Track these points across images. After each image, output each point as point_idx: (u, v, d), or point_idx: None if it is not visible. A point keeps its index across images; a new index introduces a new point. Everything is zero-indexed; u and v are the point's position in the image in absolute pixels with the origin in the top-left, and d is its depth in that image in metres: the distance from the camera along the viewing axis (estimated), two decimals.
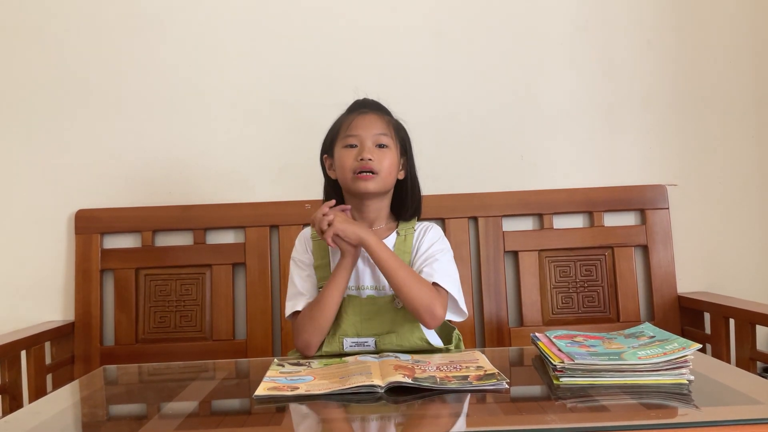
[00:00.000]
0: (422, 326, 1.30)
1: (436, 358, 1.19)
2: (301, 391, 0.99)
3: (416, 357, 1.20)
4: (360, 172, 1.31)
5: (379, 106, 1.41)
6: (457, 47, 2.00)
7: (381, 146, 1.33)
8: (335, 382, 1.02)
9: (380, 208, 1.38)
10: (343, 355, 1.26)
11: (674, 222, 1.97)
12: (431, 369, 1.09)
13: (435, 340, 1.33)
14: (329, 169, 1.41)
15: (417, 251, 1.36)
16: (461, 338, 1.41)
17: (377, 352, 1.27)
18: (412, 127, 1.43)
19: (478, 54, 2.00)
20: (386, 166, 1.32)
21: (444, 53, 2.00)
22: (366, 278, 1.35)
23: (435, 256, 1.34)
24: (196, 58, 1.99)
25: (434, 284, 1.28)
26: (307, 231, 1.43)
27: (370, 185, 1.31)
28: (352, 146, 1.33)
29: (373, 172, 1.31)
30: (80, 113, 1.98)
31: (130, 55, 1.99)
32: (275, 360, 1.21)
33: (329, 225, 1.27)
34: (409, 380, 1.00)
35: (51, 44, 1.98)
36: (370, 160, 1.30)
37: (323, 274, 1.36)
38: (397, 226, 1.40)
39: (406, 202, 1.40)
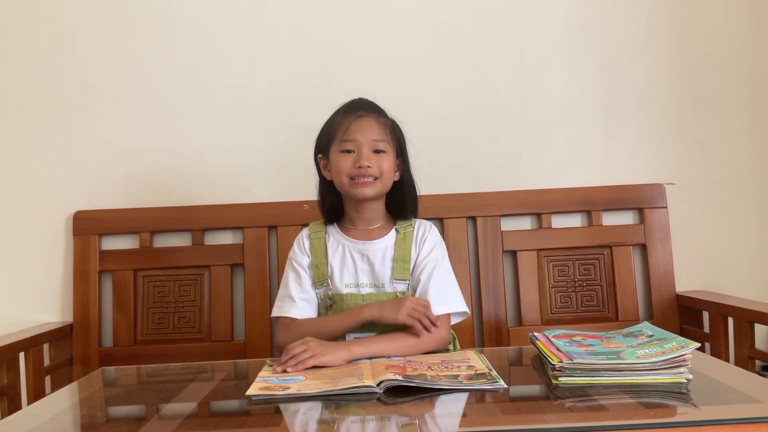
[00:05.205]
0: None
1: (428, 358, 1.20)
2: (292, 391, 1.00)
3: (408, 357, 1.22)
4: (358, 177, 1.31)
5: (374, 107, 1.40)
6: (454, 47, 2.00)
7: (378, 152, 1.34)
8: (326, 383, 1.03)
9: (377, 208, 1.40)
10: None
11: (672, 221, 1.97)
12: (423, 368, 1.10)
13: None
14: (324, 169, 1.41)
15: (419, 254, 1.37)
16: (456, 337, 1.43)
17: None
18: (410, 127, 1.43)
19: (476, 54, 2.00)
20: (385, 170, 1.34)
21: (441, 53, 2.00)
22: (364, 276, 1.36)
23: (436, 270, 1.35)
24: (195, 60, 1.99)
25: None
26: (305, 231, 1.44)
27: (369, 191, 1.33)
28: (348, 151, 1.33)
29: (373, 177, 1.32)
30: (78, 114, 1.98)
31: (128, 56, 1.99)
32: (268, 361, 1.22)
33: (312, 356, 1.16)
34: (400, 377, 1.01)
35: (49, 45, 1.98)
36: (369, 167, 1.31)
37: (319, 273, 1.37)
38: (395, 224, 1.41)
39: (405, 202, 1.40)
